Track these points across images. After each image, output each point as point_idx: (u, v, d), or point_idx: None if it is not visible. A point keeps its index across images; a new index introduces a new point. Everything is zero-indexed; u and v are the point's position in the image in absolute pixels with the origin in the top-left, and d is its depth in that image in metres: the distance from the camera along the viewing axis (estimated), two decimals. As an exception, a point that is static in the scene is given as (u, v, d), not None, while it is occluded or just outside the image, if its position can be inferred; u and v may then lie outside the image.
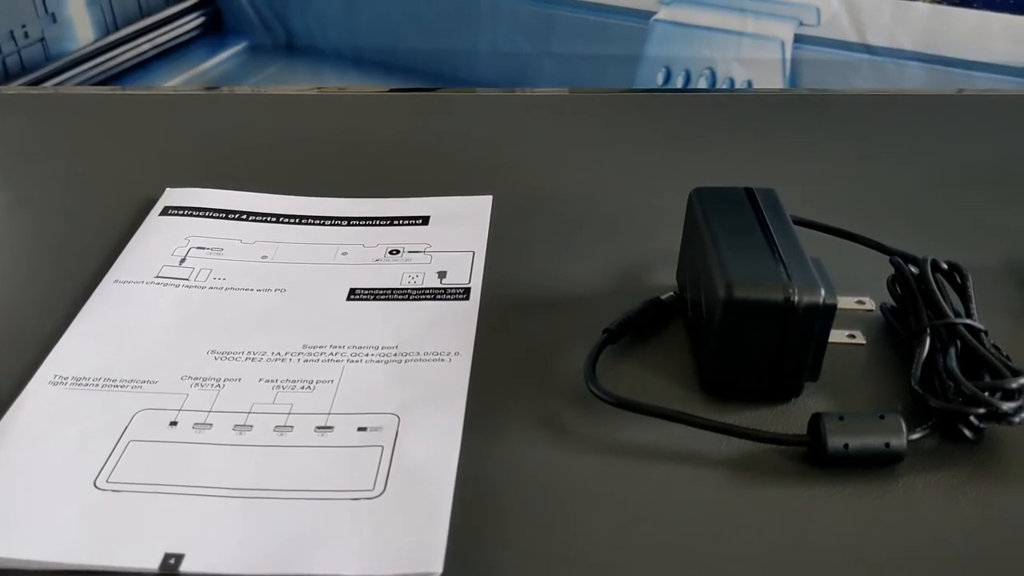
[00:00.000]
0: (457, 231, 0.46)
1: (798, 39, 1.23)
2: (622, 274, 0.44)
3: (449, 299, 0.41)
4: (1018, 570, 0.30)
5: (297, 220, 0.47)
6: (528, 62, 1.29)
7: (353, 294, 0.42)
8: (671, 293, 0.41)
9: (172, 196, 0.49)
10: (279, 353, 0.38)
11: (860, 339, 0.38)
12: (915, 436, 0.33)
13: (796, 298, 0.33)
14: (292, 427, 0.34)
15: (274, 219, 0.47)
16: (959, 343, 0.35)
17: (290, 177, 0.51)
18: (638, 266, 0.44)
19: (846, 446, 0.32)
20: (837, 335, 0.36)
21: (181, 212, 0.47)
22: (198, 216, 0.47)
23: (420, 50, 1.32)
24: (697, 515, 0.32)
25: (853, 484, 0.33)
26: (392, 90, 0.67)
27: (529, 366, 0.38)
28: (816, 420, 0.33)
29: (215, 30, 1.42)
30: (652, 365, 0.38)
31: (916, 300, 0.37)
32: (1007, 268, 0.43)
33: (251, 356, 0.38)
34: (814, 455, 0.33)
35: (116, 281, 0.42)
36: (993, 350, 0.35)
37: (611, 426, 0.35)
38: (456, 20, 1.28)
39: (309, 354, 0.38)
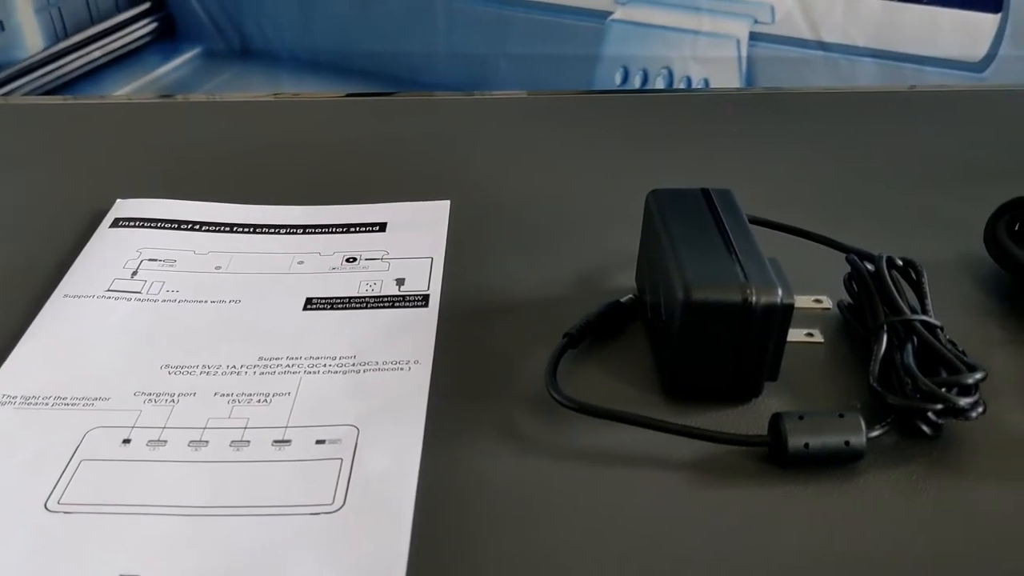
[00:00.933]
0: (415, 237, 0.46)
1: (753, 37, 1.24)
2: (582, 277, 0.44)
3: (408, 306, 0.41)
4: (977, 563, 0.30)
5: (251, 229, 0.46)
6: (485, 63, 1.29)
7: (309, 304, 0.41)
8: (631, 295, 0.41)
9: (123, 207, 0.48)
10: (234, 366, 0.38)
11: (818, 338, 0.38)
12: (874, 433, 0.33)
13: (754, 299, 0.33)
14: (248, 442, 0.34)
15: (228, 229, 0.46)
16: (916, 339, 0.35)
17: (245, 186, 0.51)
18: (598, 269, 0.44)
19: (806, 445, 0.32)
20: (795, 334, 0.37)
21: (132, 223, 0.47)
22: (150, 227, 0.46)
23: (376, 53, 1.31)
24: (660, 518, 0.32)
25: (814, 483, 0.33)
26: (349, 95, 0.67)
27: (490, 373, 0.38)
28: (776, 420, 0.33)
29: (168, 36, 1.40)
30: (613, 368, 0.38)
31: (872, 297, 0.37)
32: (961, 262, 0.44)
33: (206, 370, 0.37)
34: (775, 455, 0.33)
35: (66, 296, 0.41)
36: (949, 345, 0.35)
37: (573, 431, 0.35)
38: (412, 22, 1.28)
39: (265, 366, 0.38)
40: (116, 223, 0.47)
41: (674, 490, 0.33)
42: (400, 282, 0.42)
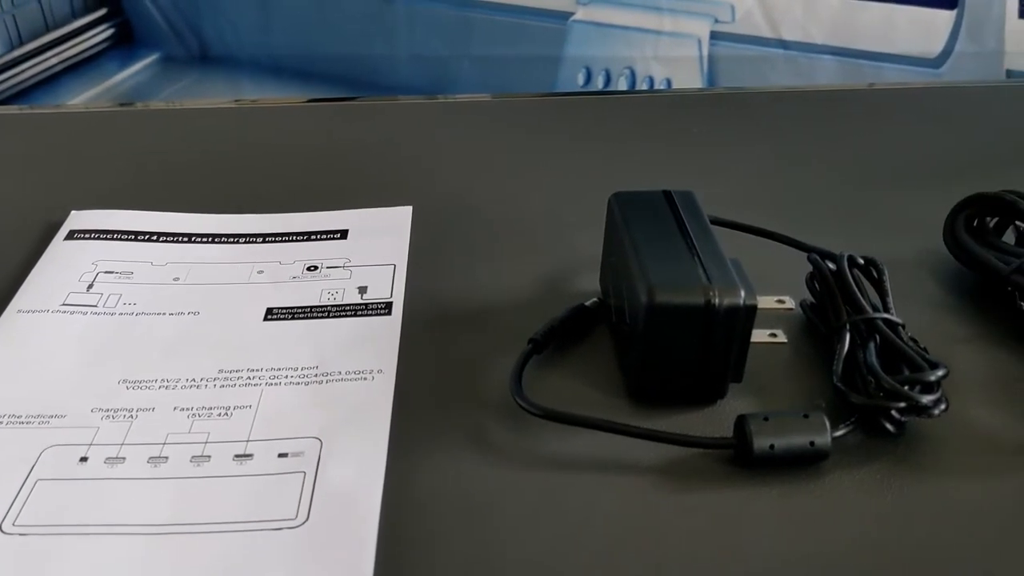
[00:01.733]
0: (377, 244, 0.45)
1: (714, 36, 1.25)
2: (546, 281, 0.43)
3: (370, 315, 0.40)
4: (942, 559, 0.30)
5: (210, 239, 0.46)
6: (448, 65, 1.29)
7: (270, 314, 0.41)
8: (595, 299, 0.41)
9: (78, 219, 0.47)
10: (194, 379, 0.37)
11: (782, 338, 0.38)
12: (839, 433, 0.33)
13: (717, 301, 0.33)
14: (209, 457, 0.33)
15: (186, 239, 0.46)
16: (878, 337, 0.35)
17: (205, 195, 0.50)
18: (562, 272, 0.44)
19: (772, 447, 0.32)
20: (759, 335, 0.37)
21: (88, 235, 0.46)
22: (106, 239, 0.45)
23: (338, 57, 1.30)
24: (627, 523, 0.31)
25: (780, 484, 0.33)
26: (311, 100, 0.66)
27: (455, 380, 0.37)
28: (741, 422, 0.33)
29: (125, 42, 1.39)
30: (579, 373, 0.38)
31: (835, 296, 0.37)
32: (922, 260, 0.44)
33: (165, 384, 0.37)
34: (741, 457, 0.33)
35: (19, 311, 0.40)
36: (911, 343, 0.36)
37: (539, 438, 0.34)
38: (373, 25, 1.27)
39: (226, 379, 0.37)
40: (71, 235, 0.46)
41: (641, 494, 0.33)
42: (362, 290, 0.42)
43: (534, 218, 0.48)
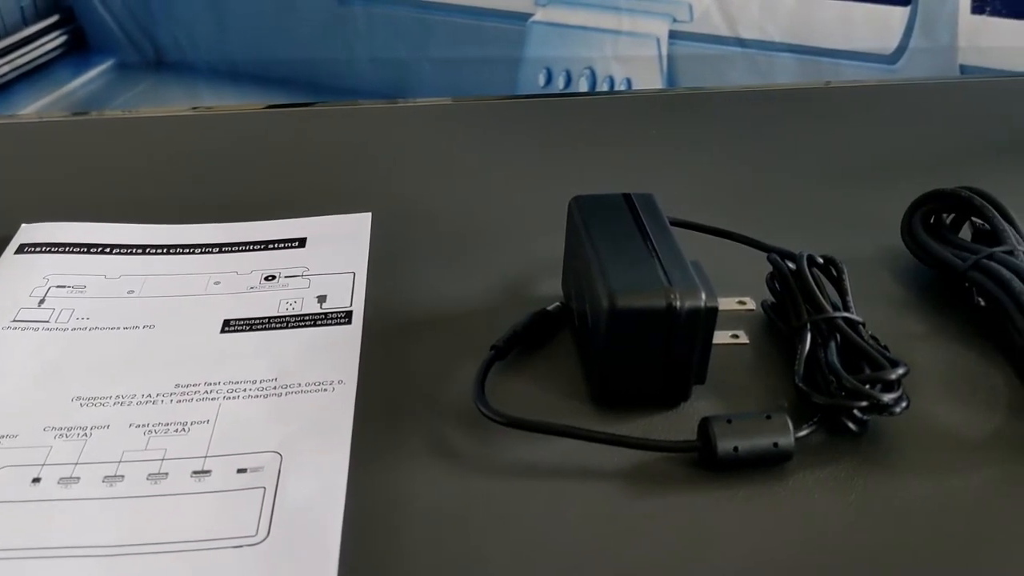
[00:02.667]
0: (336, 252, 0.44)
1: (673, 35, 1.25)
2: (509, 286, 0.43)
3: (330, 324, 0.40)
4: (907, 557, 0.31)
5: (165, 250, 0.45)
6: (407, 68, 1.28)
7: (227, 325, 0.40)
8: (557, 304, 0.40)
9: (28, 232, 0.46)
10: (150, 395, 0.36)
11: (744, 339, 0.38)
12: (802, 433, 0.33)
13: (678, 303, 0.33)
14: (166, 474, 0.33)
15: (140, 250, 0.45)
16: (839, 337, 0.36)
17: (160, 205, 0.49)
18: (524, 277, 0.44)
19: (736, 449, 0.32)
20: (721, 336, 0.37)
21: (38, 249, 0.45)
22: (57, 252, 0.44)
23: (296, 61, 1.29)
24: (593, 531, 0.31)
25: (745, 486, 0.33)
26: (269, 106, 0.65)
27: (417, 389, 0.37)
28: (705, 424, 0.33)
29: (79, 48, 1.36)
30: (542, 378, 0.38)
31: (795, 296, 0.37)
32: (881, 257, 0.44)
33: (120, 400, 0.36)
34: (705, 460, 0.33)
35: (-32, 329, 0.39)
36: (872, 341, 0.36)
37: (504, 445, 0.34)
38: (331, 29, 1.26)
39: (182, 393, 0.36)
40: (21, 249, 0.45)
41: (606, 500, 0.32)
42: (321, 299, 0.41)
43: (495, 223, 0.48)
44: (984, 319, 0.40)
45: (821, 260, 0.39)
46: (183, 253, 0.45)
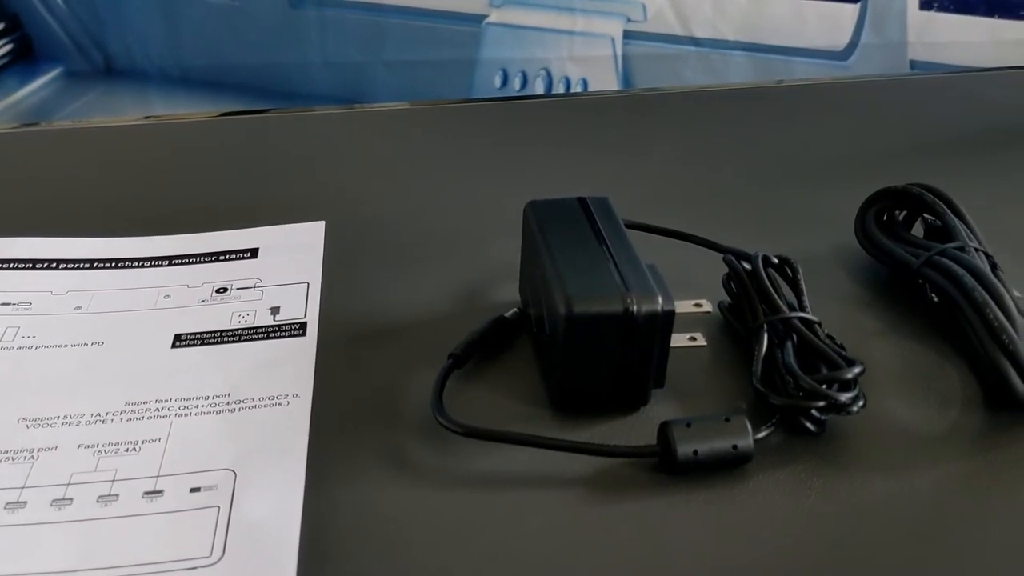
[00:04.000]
0: (289, 262, 0.44)
1: (627, 35, 1.26)
2: (466, 293, 0.43)
3: (284, 336, 0.39)
4: (867, 555, 0.31)
5: (113, 264, 0.44)
6: (362, 72, 1.27)
7: (178, 340, 0.39)
8: (515, 310, 0.40)
9: (-30, 248, 0.45)
10: (99, 414, 0.35)
11: (701, 341, 0.38)
12: (760, 435, 0.33)
13: (635, 308, 0.33)
14: (117, 495, 0.32)
15: (88, 265, 0.44)
16: (795, 337, 0.36)
17: (110, 217, 0.48)
18: (482, 283, 0.43)
19: (695, 452, 0.32)
20: (678, 339, 0.36)
21: (-19, 266, 0.43)
22: (1, 268, 0.43)
23: (249, 66, 1.28)
24: (554, 539, 0.31)
25: (706, 489, 0.33)
26: (223, 114, 0.64)
27: (374, 401, 0.36)
28: (664, 429, 0.33)
29: (26, 57, 1.34)
30: (501, 386, 0.37)
31: (751, 297, 0.37)
32: (835, 255, 0.45)
33: (68, 420, 0.35)
34: (665, 464, 0.33)
35: (-93, 350, 0.38)
36: (828, 340, 0.36)
37: (463, 456, 0.34)
38: (283, 33, 1.25)
39: (133, 411, 0.35)
40: (-37, 266, 0.43)
41: (568, 508, 0.32)
42: (275, 311, 0.41)
43: (452, 228, 0.48)
44: (938, 315, 0.40)
45: (776, 260, 0.39)
46: (132, 267, 0.44)
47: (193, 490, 0.32)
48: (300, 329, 0.39)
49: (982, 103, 0.64)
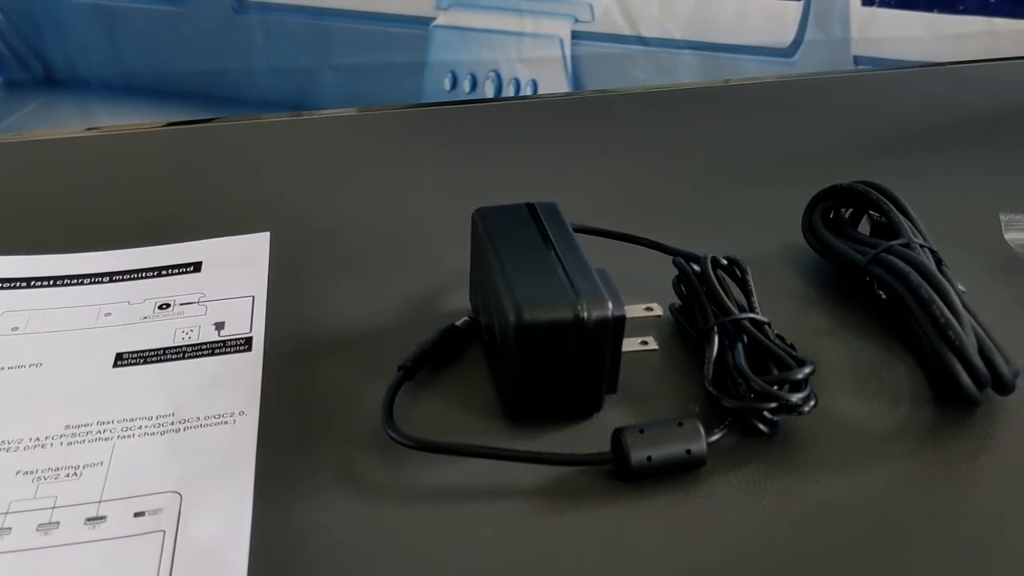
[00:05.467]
0: (233, 275, 0.43)
1: (576, 35, 1.26)
2: (416, 302, 0.42)
3: (229, 352, 0.38)
4: (824, 554, 0.31)
5: (51, 282, 0.43)
6: (309, 76, 1.26)
7: (120, 359, 0.38)
8: (466, 318, 0.40)
9: (-100, 270, 0.43)
10: (38, 438, 0.34)
11: (653, 344, 0.38)
12: (713, 438, 0.33)
13: (585, 314, 0.33)
14: (58, 523, 0.31)
15: (24, 284, 0.42)
16: (746, 338, 0.36)
17: (49, 233, 0.47)
18: (432, 292, 0.43)
19: (649, 459, 0.32)
20: (630, 343, 0.36)
21: (-88, 287, 0.42)
22: (-67, 290, 0.42)
23: (193, 73, 1.25)
24: (510, 551, 0.31)
25: (661, 495, 0.32)
26: (168, 124, 0.62)
27: (323, 416, 0.36)
28: (618, 435, 0.33)
29: (-39, 67, 1.30)
30: (453, 396, 0.37)
31: (701, 299, 0.37)
32: (784, 254, 0.45)
33: (5, 446, 0.34)
34: (620, 471, 0.33)
35: None
36: (778, 340, 0.36)
37: (416, 470, 0.33)
38: (227, 39, 1.23)
39: (73, 435, 0.34)
40: None
41: (523, 519, 0.32)
42: (219, 326, 0.40)
43: (401, 237, 0.47)
44: (885, 312, 0.40)
45: (725, 261, 0.39)
46: (71, 284, 0.43)
47: (137, 515, 0.31)
48: (246, 344, 0.39)
49: (924, 99, 0.64)
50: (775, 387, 0.33)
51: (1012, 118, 0.61)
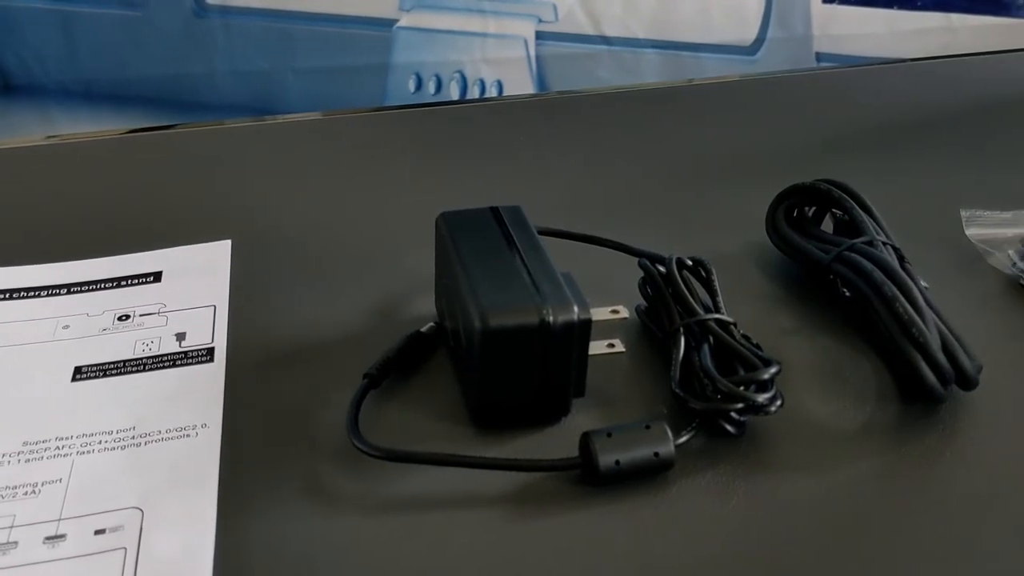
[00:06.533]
0: (194, 285, 0.42)
1: (540, 36, 1.25)
2: (381, 309, 0.42)
3: (191, 363, 0.38)
4: (794, 554, 0.31)
5: (6, 295, 0.42)
6: (271, 80, 1.25)
7: (79, 373, 0.37)
8: (431, 324, 0.39)
9: None
10: (-6, 456, 0.33)
11: (620, 347, 0.38)
12: (681, 440, 0.33)
13: (551, 318, 0.33)
14: (16, 543, 0.30)
15: (-21, 297, 0.42)
16: (712, 339, 0.36)
17: (5, 245, 0.45)
18: (397, 298, 0.42)
19: (617, 462, 0.32)
20: (597, 346, 0.36)
21: None
22: None
23: (153, 78, 1.24)
24: (480, 560, 0.30)
25: (630, 499, 0.32)
26: (130, 131, 0.61)
27: (288, 427, 0.35)
28: (586, 440, 0.33)
29: (-87, 75, 1.27)
30: (420, 404, 0.36)
31: (667, 301, 0.37)
32: (749, 254, 0.45)
33: (-40, 465, 0.33)
34: (588, 476, 0.32)
35: None
36: (744, 341, 0.36)
37: (383, 480, 0.33)
38: (188, 43, 1.21)
39: (31, 452, 0.33)
40: None
41: (492, 527, 0.31)
42: (180, 337, 0.39)
43: (365, 242, 0.46)
44: (849, 309, 0.40)
45: (690, 262, 0.39)
46: (27, 297, 0.42)
47: (98, 532, 0.30)
48: (207, 355, 0.38)
49: (884, 96, 0.65)
50: (742, 388, 0.33)
51: (970, 114, 0.62)
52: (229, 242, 0.45)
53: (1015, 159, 0.55)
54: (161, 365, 0.38)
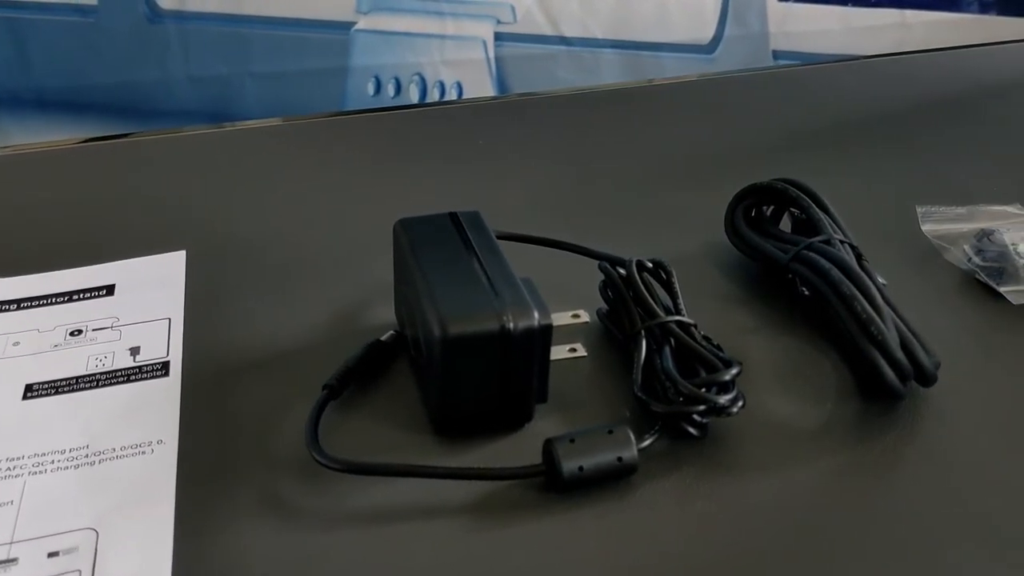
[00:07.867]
0: (148, 297, 0.41)
1: (499, 37, 1.25)
2: (340, 318, 0.41)
3: (146, 378, 0.37)
4: (759, 554, 0.31)
5: (-46, 312, 0.41)
6: (229, 85, 1.23)
7: (30, 391, 0.36)
8: (392, 332, 0.39)
9: None
10: (-57, 479, 0.32)
11: (581, 351, 0.38)
12: (644, 444, 0.33)
13: (511, 325, 0.32)
14: (-34, 569, 0.29)
15: (-75, 315, 0.41)
16: (673, 341, 0.36)
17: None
18: (356, 306, 0.42)
19: (581, 468, 0.32)
20: (558, 351, 0.36)
21: None
22: None
23: (108, 85, 1.22)
24: (445, 572, 0.30)
25: (594, 504, 0.32)
26: (86, 140, 0.60)
27: (246, 441, 0.35)
28: (548, 446, 0.32)
29: None
30: (381, 414, 0.36)
31: (627, 303, 0.37)
32: (708, 254, 0.45)
33: (-93, 489, 0.32)
34: (552, 483, 0.32)
35: None
36: (705, 342, 0.36)
37: (344, 493, 0.32)
38: (142, 49, 1.20)
39: (-19, 474, 0.33)
40: None
41: (456, 537, 0.31)
42: (134, 351, 0.38)
43: (323, 250, 0.46)
44: (809, 308, 0.40)
45: (650, 264, 0.39)
46: (-25, 313, 0.41)
47: (51, 555, 0.30)
48: (162, 369, 0.37)
49: (840, 94, 0.65)
50: (703, 390, 0.33)
51: (924, 111, 0.62)
52: (184, 253, 0.44)
53: (969, 155, 0.56)
54: (115, 381, 0.37)
